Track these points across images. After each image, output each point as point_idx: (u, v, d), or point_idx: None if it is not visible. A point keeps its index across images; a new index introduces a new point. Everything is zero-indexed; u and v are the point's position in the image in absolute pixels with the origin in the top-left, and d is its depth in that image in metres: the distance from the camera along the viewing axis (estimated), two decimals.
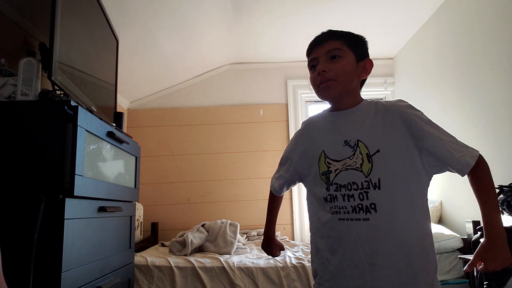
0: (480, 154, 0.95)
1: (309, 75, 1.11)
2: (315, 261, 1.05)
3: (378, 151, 0.96)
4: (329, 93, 1.04)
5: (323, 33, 1.08)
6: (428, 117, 1.00)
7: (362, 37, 1.09)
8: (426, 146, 0.95)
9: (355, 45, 1.05)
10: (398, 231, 0.93)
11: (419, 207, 0.97)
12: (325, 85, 1.02)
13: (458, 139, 0.97)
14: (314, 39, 1.09)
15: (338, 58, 1.02)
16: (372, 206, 0.93)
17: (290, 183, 1.22)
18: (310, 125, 1.15)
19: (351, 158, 0.98)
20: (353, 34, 1.08)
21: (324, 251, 1.00)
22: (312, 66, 1.08)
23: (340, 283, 0.96)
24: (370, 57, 1.08)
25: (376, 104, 1.04)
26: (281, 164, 1.24)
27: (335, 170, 1.00)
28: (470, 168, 0.93)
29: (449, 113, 2.61)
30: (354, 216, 0.95)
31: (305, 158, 1.11)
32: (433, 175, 1.00)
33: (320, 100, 1.10)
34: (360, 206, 0.94)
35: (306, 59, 1.13)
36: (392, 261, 0.91)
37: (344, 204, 0.97)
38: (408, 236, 0.93)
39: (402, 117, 0.98)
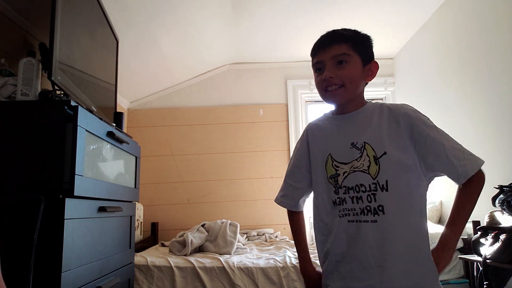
0: (481, 168, 0.93)
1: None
2: (324, 264, 1.04)
3: (385, 153, 0.96)
4: (336, 100, 1.04)
5: (328, 35, 1.04)
6: (434, 123, 0.98)
7: (368, 36, 1.06)
8: (426, 151, 0.95)
9: (361, 47, 1.02)
10: (405, 233, 0.93)
11: (420, 209, 0.98)
12: (332, 93, 1.01)
13: (464, 147, 0.95)
14: (319, 40, 1.05)
15: (345, 64, 1.00)
16: (380, 208, 0.93)
17: (308, 192, 1.14)
18: (313, 129, 1.13)
19: (358, 160, 0.98)
20: (359, 34, 1.05)
21: (333, 255, 1.00)
22: (317, 68, 1.04)
23: (350, 285, 0.96)
24: None
25: (381, 107, 1.04)
26: (290, 176, 1.15)
27: (344, 173, 0.99)
28: (467, 178, 0.92)
29: (449, 113, 2.61)
30: (363, 218, 0.95)
31: (314, 163, 1.08)
32: (432, 180, 1.00)
33: (322, 101, 1.08)
34: (368, 208, 0.94)
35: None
36: (400, 263, 0.92)
37: (353, 206, 0.96)
38: (414, 237, 0.94)
39: (406, 121, 0.98)
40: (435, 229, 2.28)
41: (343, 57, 1.00)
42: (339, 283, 0.98)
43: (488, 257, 1.68)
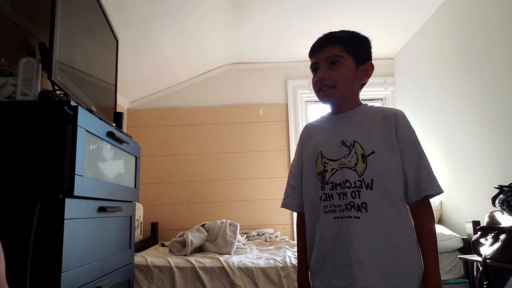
0: (438, 194, 0.97)
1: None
2: (312, 262, 1.05)
3: (373, 152, 0.98)
4: (328, 99, 1.08)
5: (324, 37, 1.08)
6: (418, 139, 1.02)
7: (365, 38, 1.09)
8: (403, 156, 0.99)
9: (356, 49, 1.05)
10: (386, 232, 0.95)
11: (406, 210, 0.99)
12: (324, 93, 1.05)
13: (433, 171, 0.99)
14: (315, 43, 1.09)
15: (338, 65, 1.03)
16: (363, 205, 0.95)
17: None
18: (309, 129, 1.17)
19: (346, 157, 1.00)
20: (355, 36, 1.08)
21: (319, 252, 1.01)
22: (313, 69, 1.10)
23: (335, 282, 0.97)
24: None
25: (375, 110, 1.08)
26: (290, 177, 1.16)
27: (332, 169, 1.01)
28: (424, 195, 0.96)
29: (449, 113, 2.61)
30: (347, 214, 0.97)
31: (305, 161, 1.12)
32: None
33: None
34: (352, 203, 0.96)
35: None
36: (380, 262, 0.93)
37: (339, 202, 0.98)
38: (396, 238, 0.95)
39: (395, 122, 1.01)
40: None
41: (335, 59, 1.04)
42: (326, 281, 0.99)
43: (488, 257, 1.68)
